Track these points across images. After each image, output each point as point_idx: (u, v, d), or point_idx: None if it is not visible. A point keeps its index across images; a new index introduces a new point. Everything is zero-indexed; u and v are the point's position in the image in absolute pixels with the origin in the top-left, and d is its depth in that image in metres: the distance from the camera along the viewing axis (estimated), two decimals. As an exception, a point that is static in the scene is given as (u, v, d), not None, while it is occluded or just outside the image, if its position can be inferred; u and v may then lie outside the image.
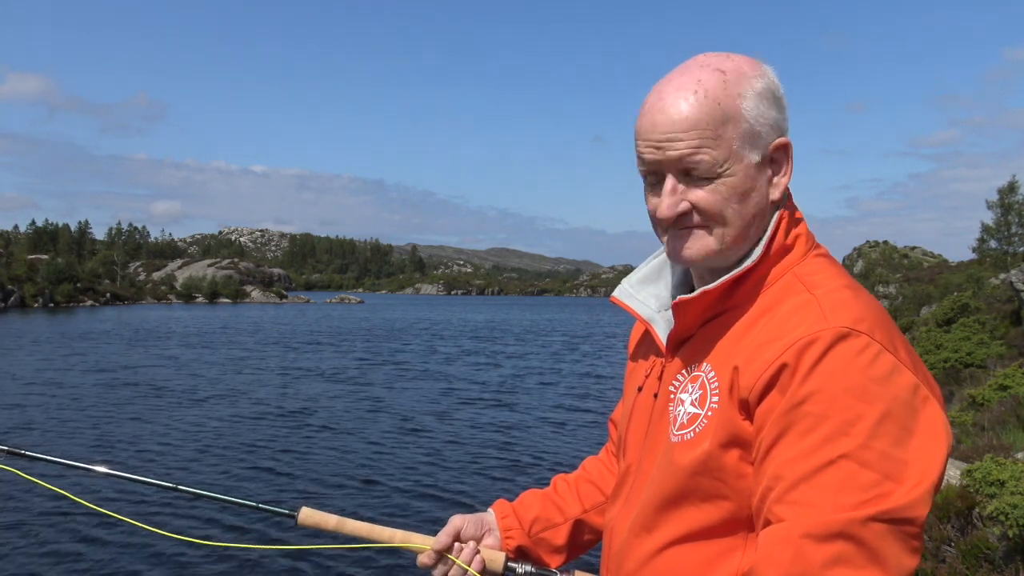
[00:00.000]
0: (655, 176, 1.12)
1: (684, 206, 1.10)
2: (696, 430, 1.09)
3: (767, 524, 0.98)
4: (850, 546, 0.90)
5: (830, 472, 0.93)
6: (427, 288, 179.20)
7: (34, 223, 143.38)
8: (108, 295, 77.25)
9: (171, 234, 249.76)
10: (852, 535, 0.91)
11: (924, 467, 0.93)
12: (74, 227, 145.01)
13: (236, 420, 14.46)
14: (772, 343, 1.02)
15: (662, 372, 1.22)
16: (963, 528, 5.23)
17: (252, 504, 1.47)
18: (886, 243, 65.96)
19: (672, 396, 1.16)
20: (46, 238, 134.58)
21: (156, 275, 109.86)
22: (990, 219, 29.46)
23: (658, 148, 1.09)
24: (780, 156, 1.11)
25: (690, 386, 1.13)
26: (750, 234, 1.12)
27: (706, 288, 1.11)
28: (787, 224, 1.13)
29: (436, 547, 1.36)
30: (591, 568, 1.36)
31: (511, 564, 1.36)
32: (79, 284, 72.94)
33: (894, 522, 0.91)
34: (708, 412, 1.08)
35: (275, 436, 13.07)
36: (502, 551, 1.39)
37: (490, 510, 1.46)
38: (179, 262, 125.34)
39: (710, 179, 1.08)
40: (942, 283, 33.11)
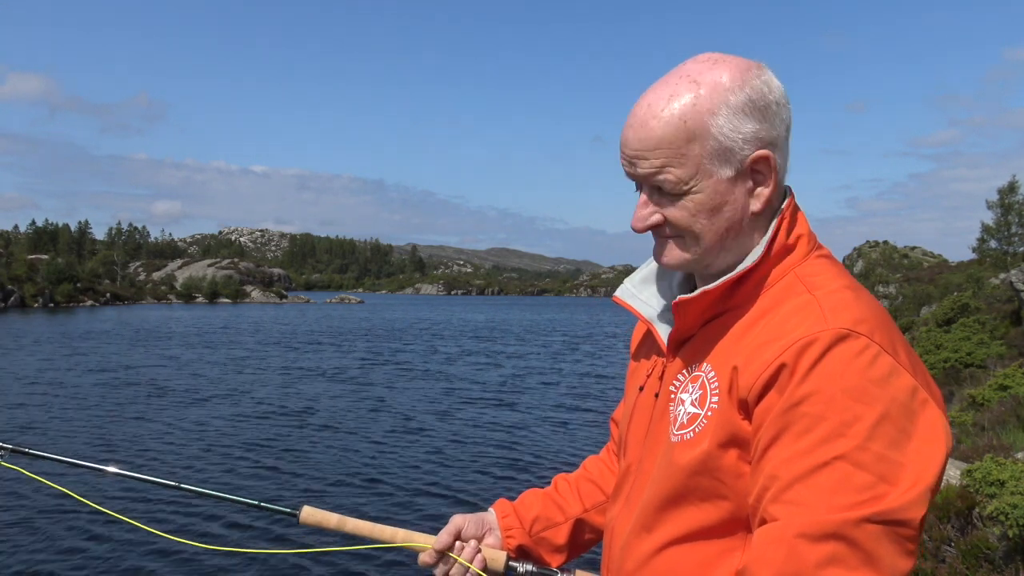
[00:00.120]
0: (636, 184, 1.15)
1: (655, 219, 1.13)
2: (696, 430, 1.09)
3: (763, 523, 0.98)
4: (844, 547, 0.91)
5: (826, 473, 0.93)
6: (427, 288, 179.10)
7: (34, 223, 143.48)
8: (108, 295, 77.16)
9: (171, 234, 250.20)
10: (846, 536, 0.91)
11: (920, 469, 0.93)
12: (74, 227, 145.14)
13: (238, 419, 14.46)
14: (772, 343, 1.02)
15: (663, 372, 1.22)
16: (963, 528, 5.23)
17: (254, 503, 1.47)
18: (886, 243, 65.97)
19: (673, 396, 1.16)
20: (46, 238, 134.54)
21: (156, 275, 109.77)
22: (990, 219, 29.51)
23: (630, 163, 1.12)
24: (761, 168, 1.09)
25: (690, 386, 1.13)
26: (727, 244, 1.12)
27: (706, 288, 1.11)
28: (788, 224, 1.13)
29: (437, 546, 1.36)
30: (592, 567, 1.36)
31: (512, 563, 1.36)
32: (79, 284, 72.86)
33: (888, 524, 0.91)
34: (708, 412, 1.08)
35: (277, 435, 13.07)
36: (503, 550, 1.39)
37: (491, 509, 1.46)
38: (179, 262, 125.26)
39: (678, 195, 1.10)
40: (942, 283, 33.11)
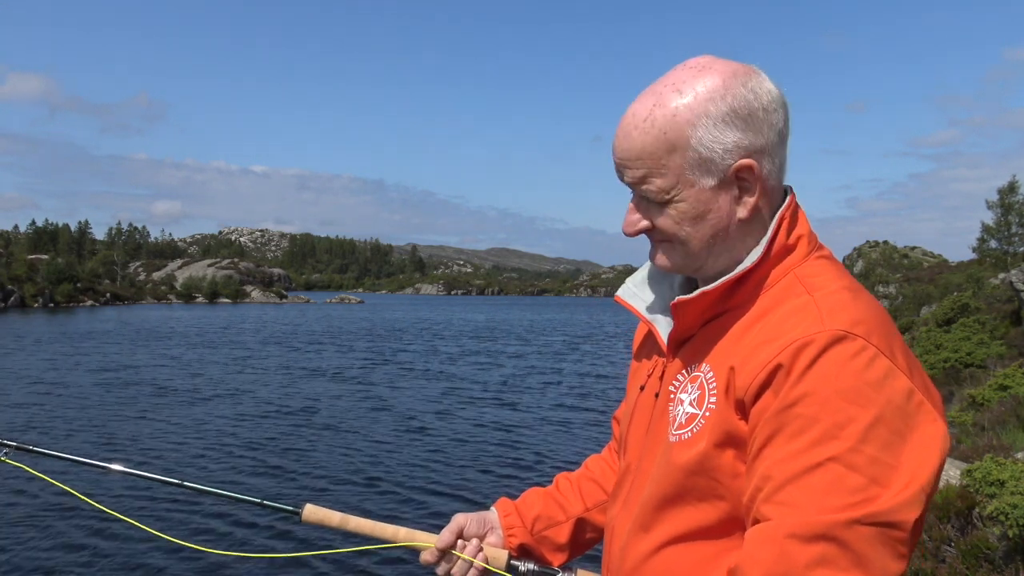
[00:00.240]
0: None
1: (642, 225, 1.15)
2: (693, 430, 1.09)
3: (755, 523, 0.98)
4: (834, 548, 0.91)
5: (818, 474, 0.93)
6: (427, 288, 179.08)
7: (34, 223, 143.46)
8: (108, 295, 77.13)
9: (171, 234, 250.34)
10: (836, 537, 0.91)
11: (913, 472, 0.93)
12: (74, 227, 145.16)
13: (239, 419, 14.47)
14: (769, 344, 1.02)
15: (663, 372, 1.22)
16: (963, 528, 5.23)
17: (257, 500, 1.47)
18: (886, 243, 65.93)
19: (672, 396, 1.16)
20: (46, 238, 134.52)
21: (156, 275, 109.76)
22: (990, 219, 29.56)
23: (618, 170, 1.14)
24: (746, 176, 1.09)
25: (689, 386, 1.13)
26: (716, 250, 1.13)
27: (705, 289, 1.11)
28: (788, 225, 1.12)
29: (440, 544, 1.36)
30: (594, 566, 1.36)
31: (514, 562, 1.37)
32: (79, 284, 72.84)
33: (880, 525, 0.91)
34: (706, 412, 1.08)
35: (278, 434, 13.08)
36: (505, 549, 1.39)
37: (493, 508, 1.46)
38: (179, 262, 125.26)
39: (662, 204, 1.11)
40: (942, 283, 33.10)
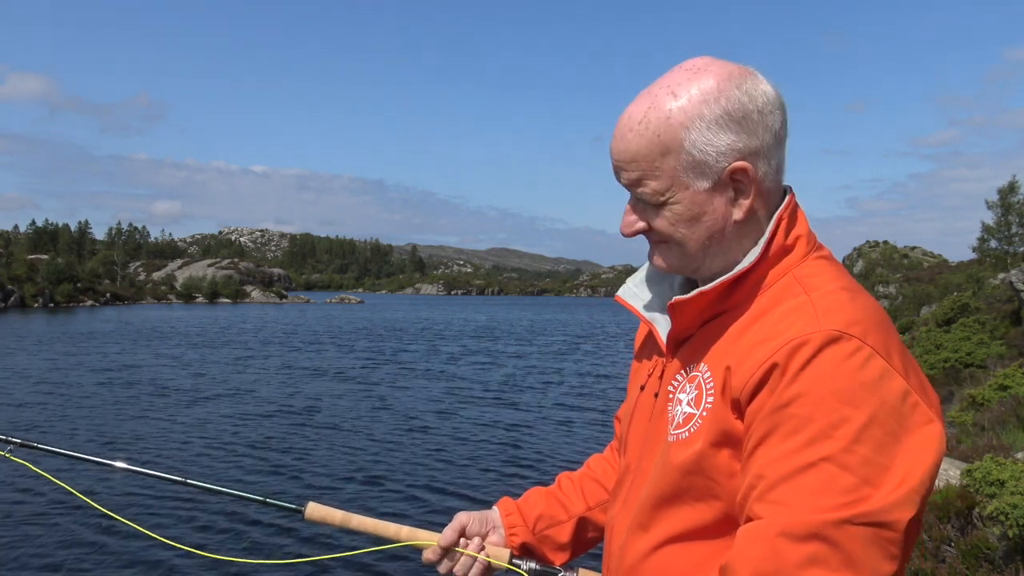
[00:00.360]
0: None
1: (639, 226, 1.16)
2: (691, 430, 1.09)
3: (748, 522, 0.99)
4: (825, 547, 0.91)
5: (811, 474, 0.94)
6: (427, 288, 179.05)
7: (34, 223, 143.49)
8: (108, 295, 77.14)
9: (171, 234, 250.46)
10: (827, 537, 0.91)
11: (906, 472, 0.93)
12: (74, 227, 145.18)
13: (242, 418, 14.48)
14: (765, 343, 1.02)
15: (663, 372, 1.22)
16: (963, 528, 5.24)
17: (260, 498, 1.47)
18: (886, 243, 65.86)
19: (671, 396, 1.17)
20: (46, 238, 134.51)
21: (156, 275, 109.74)
22: (990, 219, 29.59)
23: (615, 172, 1.15)
24: (741, 178, 1.09)
25: (688, 386, 1.14)
26: (711, 251, 1.14)
27: (702, 289, 1.12)
28: (787, 225, 1.13)
29: (443, 543, 1.37)
30: (595, 566, 1.37)
31: (516, 561, 1.37)
32: (79, 284, 72.85)
33: (871, 525, 0.91)
34: (703, 412, 1.08)
35: (281, 433, 13.09)
36: (507, 548, 1.40)
37: (495, 507, 1.47)
38: (179, 262, 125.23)
39: (658, 205, 1.12)
40: (942, 283, 33.12)
